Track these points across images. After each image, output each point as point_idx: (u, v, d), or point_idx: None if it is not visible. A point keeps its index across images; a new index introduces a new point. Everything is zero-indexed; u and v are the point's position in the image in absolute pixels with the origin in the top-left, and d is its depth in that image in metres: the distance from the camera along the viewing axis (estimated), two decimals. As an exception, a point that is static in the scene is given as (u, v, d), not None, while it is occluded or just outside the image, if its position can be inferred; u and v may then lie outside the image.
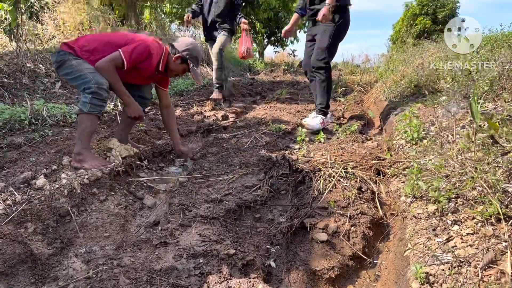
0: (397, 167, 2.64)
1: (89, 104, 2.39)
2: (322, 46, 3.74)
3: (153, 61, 2.66)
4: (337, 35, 3.76)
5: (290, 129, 3.98)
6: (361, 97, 6.42)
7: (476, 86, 3.17)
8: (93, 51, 2.53)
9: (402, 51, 11.41)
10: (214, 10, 5.22)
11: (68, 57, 2.50)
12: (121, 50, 2.50)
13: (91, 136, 2.55)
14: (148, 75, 2.75)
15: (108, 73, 2.47)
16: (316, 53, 3.79)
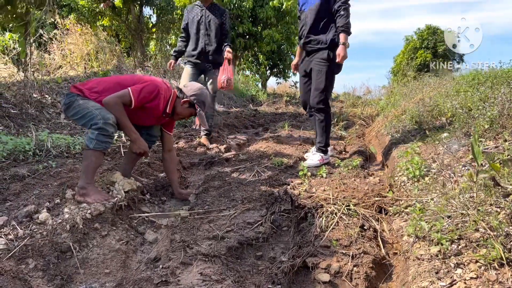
0: (399, 205, 2.64)
1: (95, 140, 2.42)
2: (319, 87, 3.77)
3: (161, 102, 2.71)
4: (333, 73, 3.81)
5: (292, 162, 4.00)
6: (363, 131, 6.47)
7: (476, 124, 3.21)
8: (101, 92, 2.58)
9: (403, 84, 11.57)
10: (204, 40, 4.86)
11: (75, 98, 2.55)
12: (130, 88, 2.56)
13: (95, 171, 2.57)
14: (154, 116, 2.79)
15: (115, 107, 2.52)
16: (314, 94, 3.82)
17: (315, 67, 3.77)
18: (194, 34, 4.87)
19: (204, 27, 4.85)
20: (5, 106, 4.75)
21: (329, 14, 3.66)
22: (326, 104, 3.85)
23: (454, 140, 3.31)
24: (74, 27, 9.79)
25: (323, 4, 3.66)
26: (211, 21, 4.84)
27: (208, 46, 4.85)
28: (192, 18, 4.89)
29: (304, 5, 3.89)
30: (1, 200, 2.59)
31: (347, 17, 3.57)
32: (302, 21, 3.92)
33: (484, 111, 3.38)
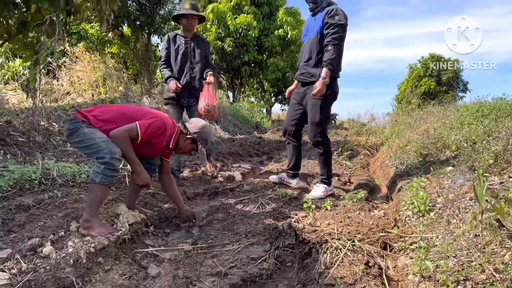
0: (404, 241, 2.62)
1: (101, 174, 2.45)
2: (315, 121, 3.78)
3: (166, 138, 2.77)
4: (327, 106, 3.82)
5: (297, 194, 4.00)
6: (367, 161, 6.47)
7: (481, 159, 3.21)
8: (107, 121, 2.62)
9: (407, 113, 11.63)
10: (189, 73, 4.44)
11: (80, 125, 2.57)
12: (138, 123, 2.59)
13: (100, 204, 2.58)
14: (157, 150, 2.84)
15: (122, 141, 2.55)
16: (311, 129, 3.83)
17: (309, 101, 3.79)
18: (178, 67, 4.43)
19: (190, 60, 4.44)
20: (13, 134, 4.81)
21: (323, 45, 3.70)
22: (324, 137, 3.86)
23: (458, 175, 3.31)
24: (83, 55, 10.00)
25: (319, 37, 3.70)
26: (197, 54, 4.47)
27: (193, 81, 4.46)
28: (176, 49, 4.45)
29: (305, 37, 3.94)
30: (6, 231, 2.60)
31: (333, 53, 3.56)
32: (301, 52, 4.00)
33: (489, 146, 3.39)
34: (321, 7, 3.74)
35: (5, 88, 7.68)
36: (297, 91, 4.05)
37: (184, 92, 4.41)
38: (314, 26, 3.75)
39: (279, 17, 13.42)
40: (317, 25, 3.72)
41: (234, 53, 12.82)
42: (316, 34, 3.71)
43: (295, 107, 4.04)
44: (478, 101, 7.44)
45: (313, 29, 3.75)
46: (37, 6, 4.39)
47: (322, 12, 3.70)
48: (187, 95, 4.43)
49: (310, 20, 3.90)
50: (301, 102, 3.96)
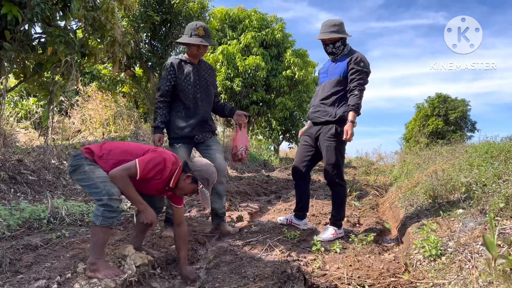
0: (415, 286, 2.56)
1: (101, 217, 2.43)
2: (331, 163, 3.82)
3: (166, 175, 2.67)
4: (342, 147, 3.87)
5: (305, 235, 3.95)
6: (376, 201, 6.41)
7: (492, 202, 3.18)
8: (109, 159, 2.62)
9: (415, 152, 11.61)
10: (203, 106, 3.83)
11: (82, 162, 2.57)
12: (137, 160, 2.56)
13: (105, 246, 2.56)
14: (157, 188, 2.76)
15: (121, 181, 2.52)
16: (327, 170, 3.86)
17: (324, 143, 3.83)
18: (191, 99, 3.77)
19: (202, 90, 3.83)
20: (24, 172, 4.88)
21: (344, 90, 3.77)
22: (340, 178, 3.88)
23: (469, 218, 3.26)
24: (95, 94, 10.25)
25: (342, 80, 3.78)
26: (208, 82, 3.91)
27: (207, 114, 3.89)
28: (184, 78, 3.76)
29: (324, 78, 3.98)
30: (13, 272, 2.59)
31: (359, 98, 3.66)
32: (317, 92, 4.02)
33: (499, 189, 3.36)
34: (342, 54, 3.85)
35: (18, 126, 7.85)
36: (308, 131, 4.09)
37: (197, 128, 3.81)
38: (336, 69, 3.83)
39: (287, 58, 13.73)
40: (339, 69, 3.80)
41: (242, 92, 13.06)
42: (338, 76, 3.79)
43: (307, 148, 4.05)
44: (486, 141, 7.43)
45: (335, 72, 3.83)
46: (53, 48, 4.58)
47: (345, 58, 3.80)
48: (200, 129, 3.82)
49: (329, 65, 3.97)
50: (313, 143, 3.98)
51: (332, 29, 3.77)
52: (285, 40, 14.37)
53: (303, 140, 4.14)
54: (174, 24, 9.45)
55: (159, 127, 3.73)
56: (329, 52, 3.89)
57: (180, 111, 3.80)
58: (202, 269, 3.02)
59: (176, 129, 3.79)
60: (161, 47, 9.77)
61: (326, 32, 3.79)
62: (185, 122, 3.78)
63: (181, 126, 3.77)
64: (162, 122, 3.74)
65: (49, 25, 4.64)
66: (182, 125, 3.77)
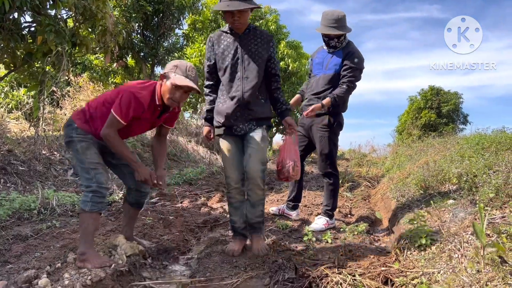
0: (405, 275, 2.57)
1: (90, 202, 2.43)
2: (325, 152, 3.84)
3: (144, 102, 2.55)
4: (335, 137, 3.89)
5: (297, 226, 3.97)
6: (368, 192, 6.44)
7: (482, 192, 3.20)
8: (97, 116, 2.58)
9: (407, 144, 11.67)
10: (243, 85, 2.93)
11: (73, 135, 2.55)
12: (112, 111, 2.49)
13: (94, 234, 2.55)
14: (148, 117, 2.67)
15: (113, 140, 2.50)
16: (321, 159, 3.88)
17: (317, 133, 3.83)
18: (227, 78, 2.97)
19: (242, 65, 2.94)
20: (14, 163, 4.83)
21: (337, 86, 3.76)
22: (333, 168, 3.89)
23: (460, 208, 3.29)
24: (86, 85, 10.14)
25: (336, 76, 3.77)
26: (255, 55, 2.95)
27: (250, 97, 2.94)
28: (222, 53, 2.99)
29: (318, 70, 3.94)
30: (2, 262, 2.58)
31: (344, 93, 3.68)
32: (311, 84, 3.98)
33: (489, 179, 3.38)
34: (341, 47, 3.82)
35: (8, 117, 7.76)
36: (302, 122, 4.08)
37: (236, 115, 2.97)
38: (332, 63, 3.80)
39: (280, 50, 13.69)
40: (335, 64, 3.78)
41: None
42: (334, 72, 3.78)
43: (300, 139, 4.04)
44: (478, 133, 7.48)
45: (331, 66, 3.81)
46: (43, 38, 4.50)
47: (341, 53, 3.77)
48: (240, 118, 2.98)
49: (325, 56, 3.90)
50: (306, 134, 3.98)
51: (338, 24, 3.69)
52: (279, 31, 14.32)
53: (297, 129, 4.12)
54: (167, 14, 9.37)
55: (205, 118, 3.18)
56: (331, 45, 3.84)
57: (220, 95, 3.06)
58: (194, 259, 3.03)
59: (216, 116, 3.07)
60: (153, 37, 9.70)
61: (331, 26, 3.70)
62: (222, 107, 3.00)
63: (219, 112, 3.02)
64: (207, 111, 3.15)
65: (39, 14, 4.56)
66: (220, 111, 3.01)
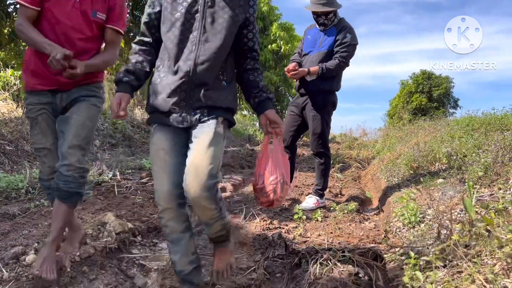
0: (394, 252, 2.60)
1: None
2: (317, 132, 3.81)
3: None
4: (328, 117, 3.87)
5: (288, 205, 3.97)
6: (359, 173, 6.47)
7: (471, 171, 3.22)
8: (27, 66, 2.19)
9: (398, 128, 11.72)
10: (198, 50, 1.81)
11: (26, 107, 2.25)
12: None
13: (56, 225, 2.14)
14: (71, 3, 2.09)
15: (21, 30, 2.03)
16: (313, 139, 3.86)
17: (310, 113, 3.80)
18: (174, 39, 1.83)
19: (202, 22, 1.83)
20: (1, 143, 4.75)
21: None
22: (325, 148, 3.88)
23: (449, 187, 3.31)
24: (75, 65, 9.94)
25: (330, 53, 3.73)
26: (221, 11, 1.84)
27: (202, 68, 1.81)
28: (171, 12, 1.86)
29: (312, 48, 3.87)
30: (-11, 240, 2.54)
31: (335, 66, 3.64)
32: (304, 64, 3.92)
33: (479, 158, 3.40)
34: (332, 25, 3.77)
35: (-5, 98, 7.61)
36: (295, 101, 4.05)
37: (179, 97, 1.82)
38: (325, 42, 3.76)
39: (272, 31, 13.53)
40: (329, 41, 3.74)
41: (227, 66, 12.90)
42: (327, 50, 3.73)
43: (294, 118, 4.01)
44: (468, 115, 7.52)
45: (324, 44, 3.76)
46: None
47: (334, 31, 3.73)
48: (185, 103, 1.83)
49: (317, 34, 3.85)
50: (300, 113, 3.94)
51: (327, 0, 3.65)
52: (271, 13, 14.11)
53: (290, 111, 4.09)
54: (157, -7, 9.17)
55: (121, 81, 1.84)
56: (320, 23, 3.79)
57: (160, 65, 1.91)
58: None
59: (151, 95, 1.91)
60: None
61: (318, 4, 3.66)
62: (160, 84, 1.86)
63: (154, 91, 1.88)
64: (128, 72, 1.87)
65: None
66: (156, 90, 1.87)
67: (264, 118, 1.96)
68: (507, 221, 2.01)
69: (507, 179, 2.87)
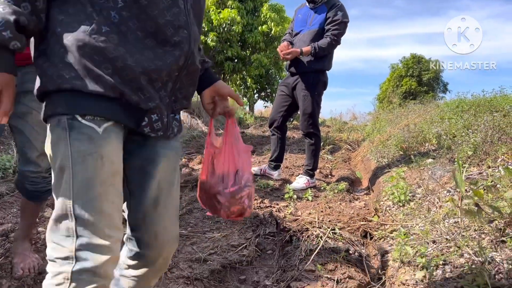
0: (384, 229, 2.63)
1: None
2: (307, 112, 3.78)
3: None
4: (319, 97, 3.85)
5: (278, 185, 3.98)
6: (349, 155, 6.50)
7: (460, 150, 3.25)
8: None
9: (388, 111, 11.77)
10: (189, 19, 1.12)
11: None
12: None
13: None
14: None
15: None
16: (303, 119, 3.83)
17: (301, 92, 3.77)
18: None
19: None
20: (-13, 122, 4.66)
21: None
22: (315, 128, 3.87)
23: (438, 166, 3.34)
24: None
25: (321, 32, 3.69)
26: None
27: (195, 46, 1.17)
28: None
29: (302, 27, 3.83)
30: (-24, 218, 2.51)
31: (327, 45, 3.60)
32: (295, 42, 3.88)
33: (468, 138, 3.43)
34: (322, 2, 3.72)
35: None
36: (286, 81, 4.02)
37: (165, 88, 1.11)
38: (316, 19, 3.71)
39: (263, 13, 13.39)
40: (319, 19, 3.70)
41: (217, 48, 12.74)
42: (318, 28, 3.69)
43: (284, 98, 3.98)
44: (458, 97, 7.57)
45: (315, 22, 3.72)
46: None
47: (324, 9, 3.68)
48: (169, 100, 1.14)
49: (308, 12, 3.81)
50: (290, 93, 3.91)
51: None
52: (262, -6, 13.96)
53: (280, 91, 4.06)
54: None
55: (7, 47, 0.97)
56: (309, 1, 3.76)
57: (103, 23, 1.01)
58: (175, 216, 3.00)
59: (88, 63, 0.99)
60: None
61: None
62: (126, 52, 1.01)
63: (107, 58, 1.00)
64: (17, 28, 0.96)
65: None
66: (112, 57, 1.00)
67: (212, 93, 1.34)
68: (495, 197, 2.03)
69: (496, 158, 2.91)
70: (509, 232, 1.78)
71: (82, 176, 0.97)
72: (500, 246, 1.77)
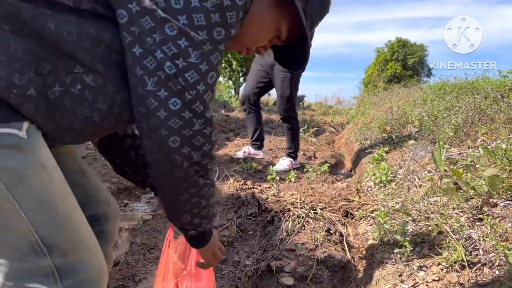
0: (365, 209, 2.64)
1: None
2: (286, 95, 3.73)
3: None
4: (297, 80, 3.80)
5: (262, 167, 3.97)
6: (333, 138, 6.52)
7: (442, 131, 3.27)
8: None
9: (373, 94, 11.83)
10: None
11: None
12: None
13: None
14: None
15: None
16: (281, 102, 3.78)
17: (279, 74, 3.70)
18: None
19: None
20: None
21: None
22: (293, 111, 3.85)
23: (420, 147, 3.36)
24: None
25: None
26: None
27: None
28: None
29: None
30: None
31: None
32: None
33: (449, 119, 3.45)
34: None
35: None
36: (260, 61, 3.93)
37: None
38: None
39: None
40: None
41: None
42: None
43: (262, 74, 3.88)
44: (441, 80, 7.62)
45: None
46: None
47: None
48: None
49: None
50: (269, 70, 3.82)
51: None
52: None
53: (257, 64, 3.93)
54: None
55: None
56: None
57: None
58: (156, 198, 2.98)
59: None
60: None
61: None
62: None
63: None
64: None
65: None
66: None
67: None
68: (474, 176, 2.05)
69: (476, 138, 2.93)
70: (486, 210, 1.80)
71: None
72: (477, 224, 1.79)
